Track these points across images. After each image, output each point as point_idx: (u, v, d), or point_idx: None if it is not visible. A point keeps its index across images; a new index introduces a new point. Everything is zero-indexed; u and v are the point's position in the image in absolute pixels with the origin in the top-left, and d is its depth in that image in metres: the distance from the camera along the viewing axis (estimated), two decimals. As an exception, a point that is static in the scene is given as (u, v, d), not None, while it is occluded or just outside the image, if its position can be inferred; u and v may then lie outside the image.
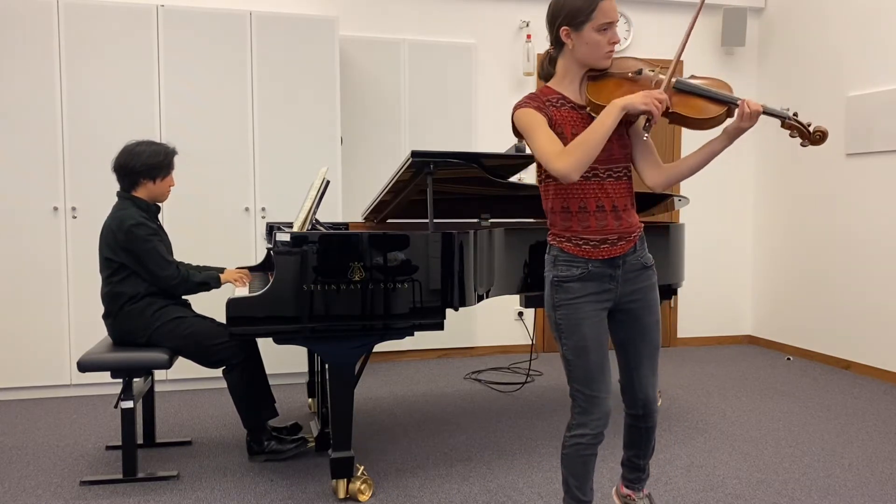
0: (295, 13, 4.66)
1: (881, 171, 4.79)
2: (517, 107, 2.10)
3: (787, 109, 2.03)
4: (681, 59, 2.10)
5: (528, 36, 5.41)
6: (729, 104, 2.04)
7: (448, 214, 3.88)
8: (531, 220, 4.03)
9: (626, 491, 2.48)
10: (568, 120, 2.09)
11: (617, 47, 2.11)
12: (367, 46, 5.13)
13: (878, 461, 3.29)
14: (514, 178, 3.53)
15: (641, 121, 2.10)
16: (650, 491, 2.55)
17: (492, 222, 3.63)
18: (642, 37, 5.67)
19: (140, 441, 3.41)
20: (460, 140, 5.33)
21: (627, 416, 2.36)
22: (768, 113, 2.00)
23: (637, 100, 1.94)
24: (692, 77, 2.13)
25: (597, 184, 2.11)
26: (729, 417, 3.95)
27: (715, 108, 2.05)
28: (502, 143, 5.47)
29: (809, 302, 5.42)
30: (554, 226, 2.19)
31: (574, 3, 2.04)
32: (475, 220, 3.87)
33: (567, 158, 1.96)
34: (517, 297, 5.11)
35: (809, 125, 2.02)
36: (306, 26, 4.61)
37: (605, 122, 1.96)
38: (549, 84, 2.17)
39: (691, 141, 5.71)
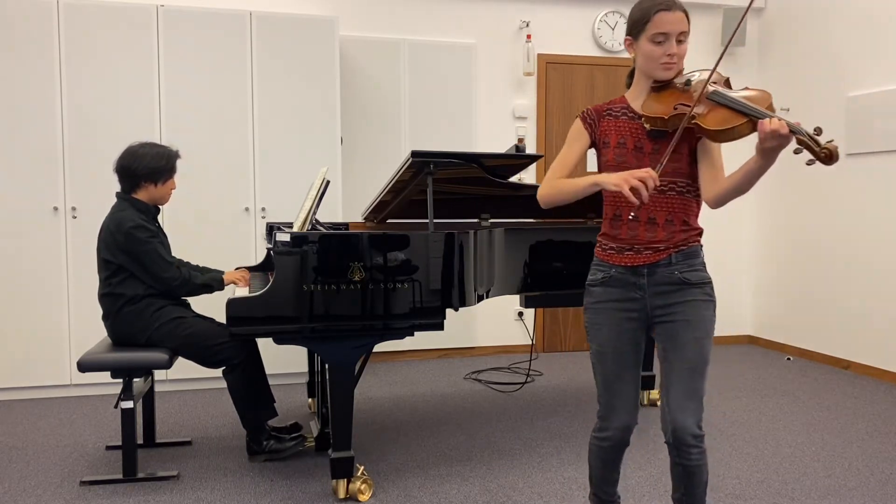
0: (295, 13, 4.66)
1: (881, 171, 4.79)
2: (579, 115, 2.19)
3: (816, 131, 1.79)
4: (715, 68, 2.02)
5: (528, 36, 5.41)
6: (752, 117, 1.87)
7: (448, 214, 3.88)
8: (531, 220, 4.03)
9: None
10: (616, 129, 2.11)
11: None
12: (367, 46, 5.13)
13: (878, 461, 3.29)
14: (514, 179, 3.53)
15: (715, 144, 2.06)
16: None
17: (492, 222, 3.63)
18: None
19: (140, 441, 3.41)
20: (460, 140, 5.33)
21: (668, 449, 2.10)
22: (794, 132, 1.77)
23: (611, 179, 1.89)
24: (745, 88, 2.01)
25: None
26: (729, 417, 3.95)
27: (736, 119, 1.90)
28: (502, 143, 5.47)
29: (809, 302, 5.42)
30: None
31: (634, 14, 2.09)
32: (475, 220, 3.87)
33: (544, 188, 2.11)
34: (517, 297, 5.12)
35: (819, 142, 1.77)
36: (306, 26, 4.61)
37: (578, 186, 2.02)
38: (626, 94, 2.19)
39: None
